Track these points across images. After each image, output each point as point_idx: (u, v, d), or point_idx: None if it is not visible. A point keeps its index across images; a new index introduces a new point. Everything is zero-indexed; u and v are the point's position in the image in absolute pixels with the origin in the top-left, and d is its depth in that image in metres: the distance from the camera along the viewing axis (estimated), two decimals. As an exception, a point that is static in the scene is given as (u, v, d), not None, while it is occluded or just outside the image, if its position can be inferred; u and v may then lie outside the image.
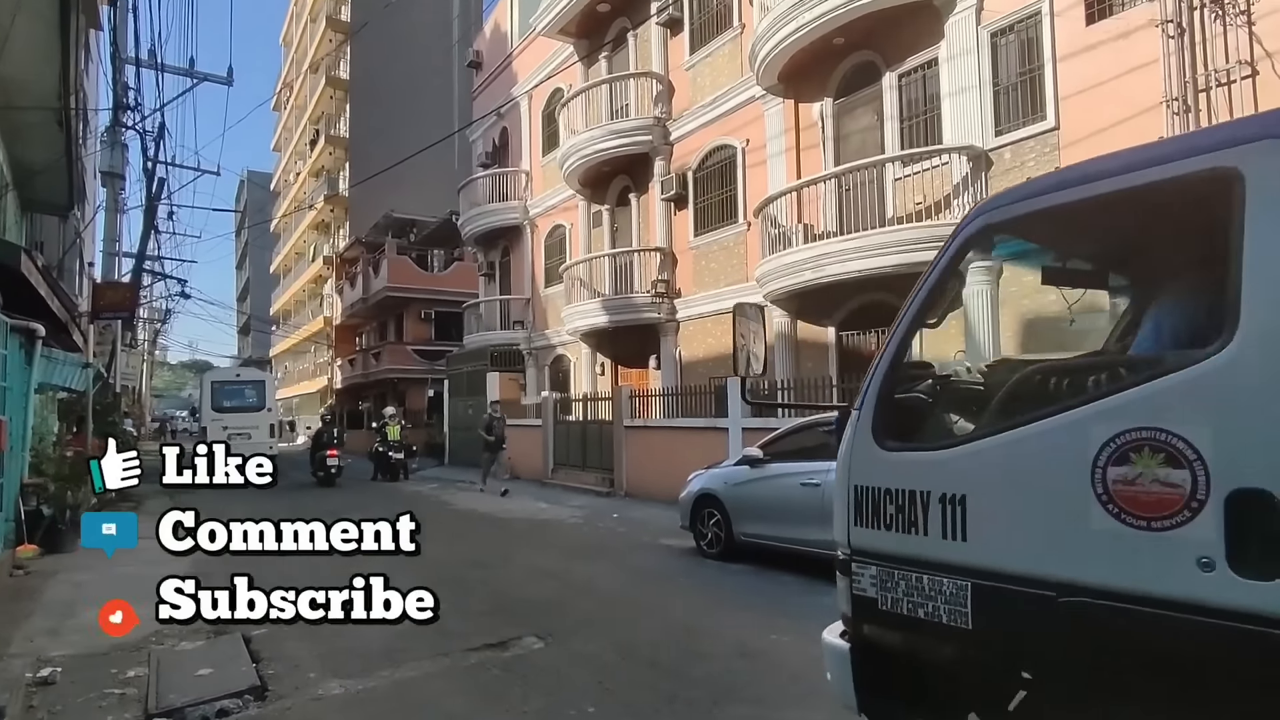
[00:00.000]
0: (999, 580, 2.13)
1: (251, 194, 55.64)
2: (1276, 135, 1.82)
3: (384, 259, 28.66)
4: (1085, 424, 1.98)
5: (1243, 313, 1.77)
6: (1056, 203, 2.28)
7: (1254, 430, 1.72)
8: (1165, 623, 1.80)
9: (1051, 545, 2.03)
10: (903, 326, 2.59)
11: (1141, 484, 1.87)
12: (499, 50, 20.96)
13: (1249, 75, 7.04)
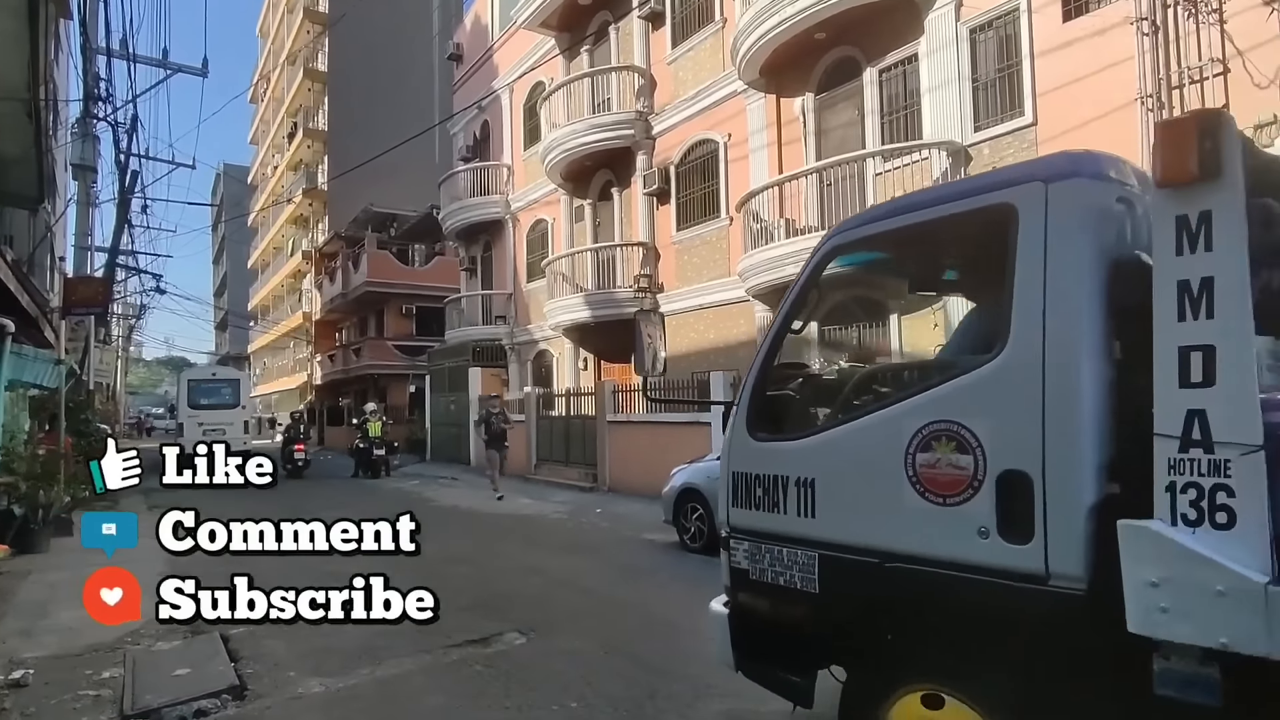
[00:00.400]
0: (839, 550, 2.55)
1: (228, 187, 54.83)
2: (1041, 178, 2.22)
3: (364, 253, 28.37)
4: (900, 417, 2.39)
5: (1012, 325, 2.18)
6: (886, 229, 2.72)
7: (1016, 422, 2.14)
8: (957, 581, 2.21)
9: (877, 520, 2.45)
10: (773, 332, 2.97)
11: (939, 467, 2.27)
12: (480, 43, 20.79)
13: (1221, 73, 7.15)
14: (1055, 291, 2.13)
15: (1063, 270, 2.13)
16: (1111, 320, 2.11)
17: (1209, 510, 1.81)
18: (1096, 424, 2.05)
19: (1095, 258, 2.13)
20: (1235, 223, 1.83)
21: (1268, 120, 6.82)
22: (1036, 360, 2.12)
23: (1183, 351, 1.87)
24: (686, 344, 13.48)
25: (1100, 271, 2.12)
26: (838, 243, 2.86)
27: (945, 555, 2.25)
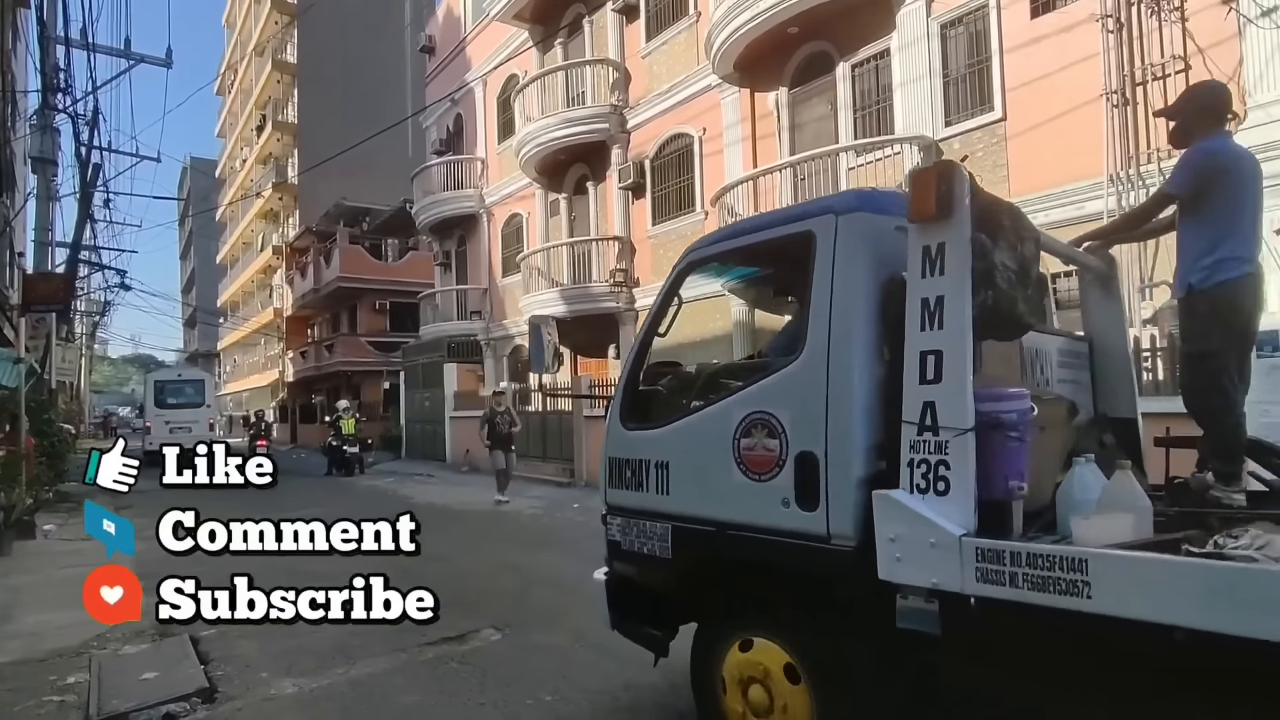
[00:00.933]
0: (686, 522, 3.00)
1: (195, 181, 53.68)
2: (834, 211, 2.65)
3: (336, 248, 27.98)
4: (731, 408, 2.84)
5: (808, 331, 2.63)
6: (728, 248, 3.28)
7: (809, 412, 2.57)
8: (769, 544, 2.66)
9: (714, 495, 2.88)
10: (641, 336, 3.52)
11: (756, 450, 2.72)
12: (452, 34, 20.55)
13: (1182, 70, 7.31)
14: (839, 304, 2.57)
15: (846, 287, 2.57)
16: (883, 329, 2.54)
17: (932, 480, 2.28)
18: (867, 413, 2.49)
19: (871, 278, 2.57)
20: (962, 253, 2.28)
21: (1227, 116, 6.98)
22: (824, 361, 2.57)
23: (922, 355, 2.32)
24: (662, 339, 13.48)
25: (875, 289, 2.57)
26: (691, 259, 3.37)
27: (761, 523, 2.69)
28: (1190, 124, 3.11)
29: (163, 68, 15.63)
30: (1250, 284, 2.92)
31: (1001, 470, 2.29)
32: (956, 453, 2.23)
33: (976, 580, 2.15)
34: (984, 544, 2.16)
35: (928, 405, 2.30)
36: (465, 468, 17.20)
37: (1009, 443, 2.29)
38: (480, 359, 19.10)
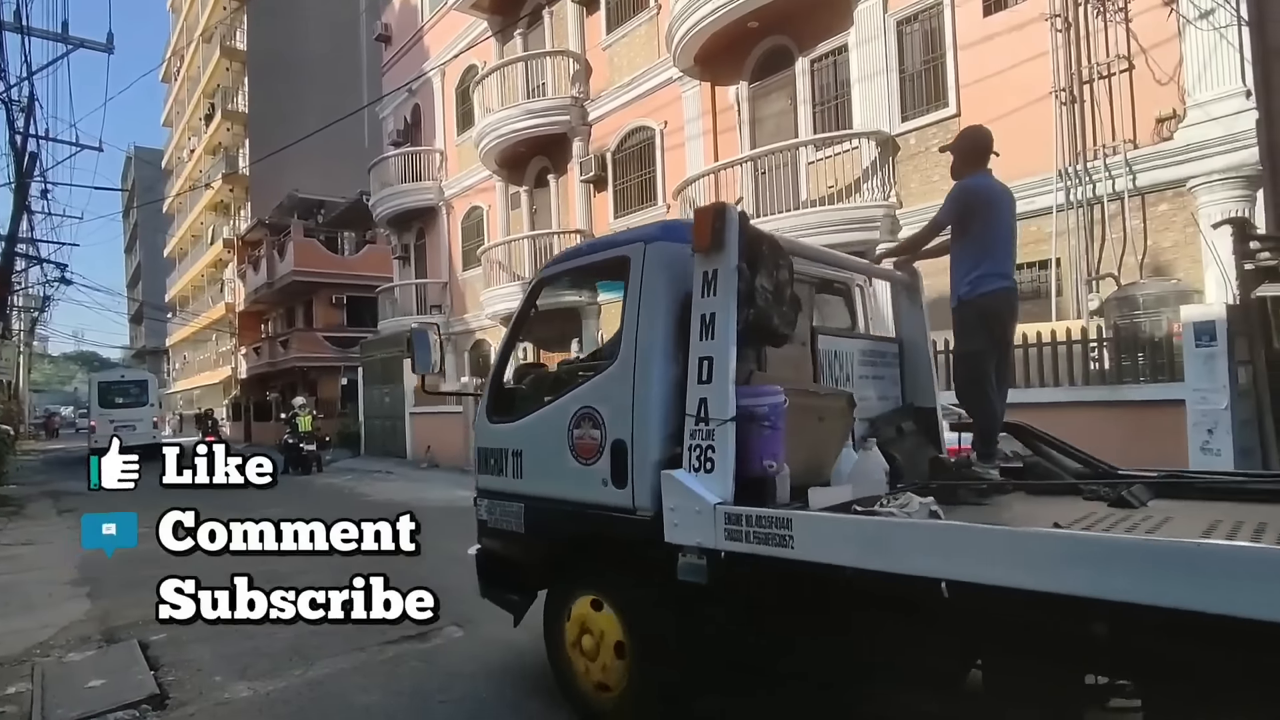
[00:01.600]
0: (535, 502, 3.52)
1: (140, 172, 51.71)
2: (643, 240, 3.23)
3: (290, 241, 27.26)
4: (567, 403, 3.35)
5: (623, 338, 3.17)
6: (571, 267, 3.91)
7: (621, 406, 3.09)
8: (594, 516, 3.18)
9: (555, 478, 3.38)
10: (504, 342, 4.15)
11: (585, 438, 3.23)
12: (409, 23, 20.15)
13: (1126, 69, 7.55)
14: (644, 317, 3.10)
15: (649, 303, 3.11)
16: (678, 338, 3.01)
17: (703, 461, 2.80)
18: (663, 408, 3.00)
19: (669, 295, 3.09)
20: (729, 278, 2.83)
21: (1167, 114, 7.23)
22: (632, 364, 3.10)
23: (700, 360, 2.84)
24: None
25: (672, 305, 3.08)
26: (543, 276, 4.01)
27: (589, 500, 3.20)
28: (960, 163, 3.69)
29: (103, 53, 15.01)
30: (1006, 296, 3.52)
31: (757, 452, 2.82)
32: (720, 439, 2.77)
33: (725, 539, 2.69)
34: (729, 510, 2.70)
35: (702, 401, 2.83)
36: (425, 464, 16.98)
37: (763, 431, 2.82)
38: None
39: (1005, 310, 3.53)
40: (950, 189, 3.64)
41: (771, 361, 3.18)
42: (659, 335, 3.07)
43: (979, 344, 3.47)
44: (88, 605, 5.67)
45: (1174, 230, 7.28)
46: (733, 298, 2.82)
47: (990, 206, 3.48)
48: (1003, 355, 3.62)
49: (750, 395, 2.85)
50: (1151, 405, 6.34)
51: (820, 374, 3.60)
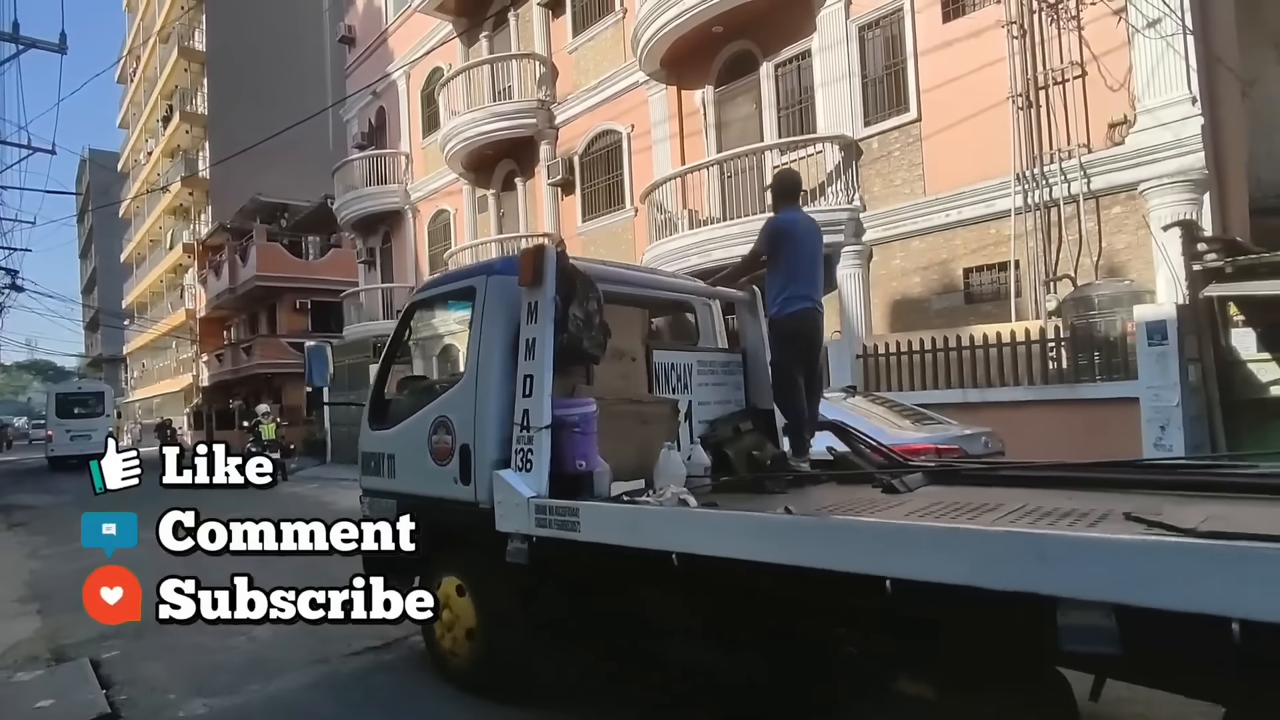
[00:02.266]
0: (404, 498, 4.02)
1: (95, 175, 50.26)
2: (484, 273, 3.91)
3: (252, 246, 26.74)
4: (429, 412, 3.95)
5: (468, 357, 3.81)
6: (436, 294, 4.66)
7: (466, 416, 3.69)
8: (449, 510, 3.73)
9: (420, 477, 3.95)
10: (384, 358, 4.86)
11: (440, 443, 3.82)
12: (373, 25, 19.91)
13: (1079, 75, 7.75)
14: (484, 339, 3.71)
15: (488, 327, 3.72)
16: (511, 358, 3.55)
17: (525, 462, 3.33)
18: (499, 417, 3.54)
19: (504, 321, 3.67)
20: (547, 309, 3.40)
21: (1119, 120, 7.44)
22: (474, 380, 3.71)
23: (525, 377, 3.41)
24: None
25: (507, 329, 3.63)
26: (413, 301, 4.90)
27: (445, 495, 3.75)
28: (775, 200, 4.44)
29: (56, 53, 14.58)
30: (809, 315, 4.08)
31: (570, 454, 3.35)
32: (538, 443, 3.31)
33: (535, 526, 3.21)
34: (539, 502, 3.23)
35: (525, 411, 3.38)
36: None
37: (575, 435, 3.37)
38: (408, 359, 18.60)
39: (808, 327, 4.10)
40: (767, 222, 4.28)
41: (604, 375, 3.78)
42: (496, 355, 3.66)
43: (787, 355, 4.10)
44: (37, 623, 5.48)
45: (1127, 232, 7.48)
46: (549, 325, 3.40)
47: (795, 238, 4.06)
48: (810, 365, 4.18)
49: (565, 406, 3.41)
50: (1107, 403, 6.51)
51: (655, 384, 4.20)
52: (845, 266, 9.49)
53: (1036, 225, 7.94)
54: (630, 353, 4.08)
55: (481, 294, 3.79)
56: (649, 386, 4.18)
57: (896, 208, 9.08)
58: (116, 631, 5.11)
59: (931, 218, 8.76)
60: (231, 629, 5.01)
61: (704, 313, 5.03)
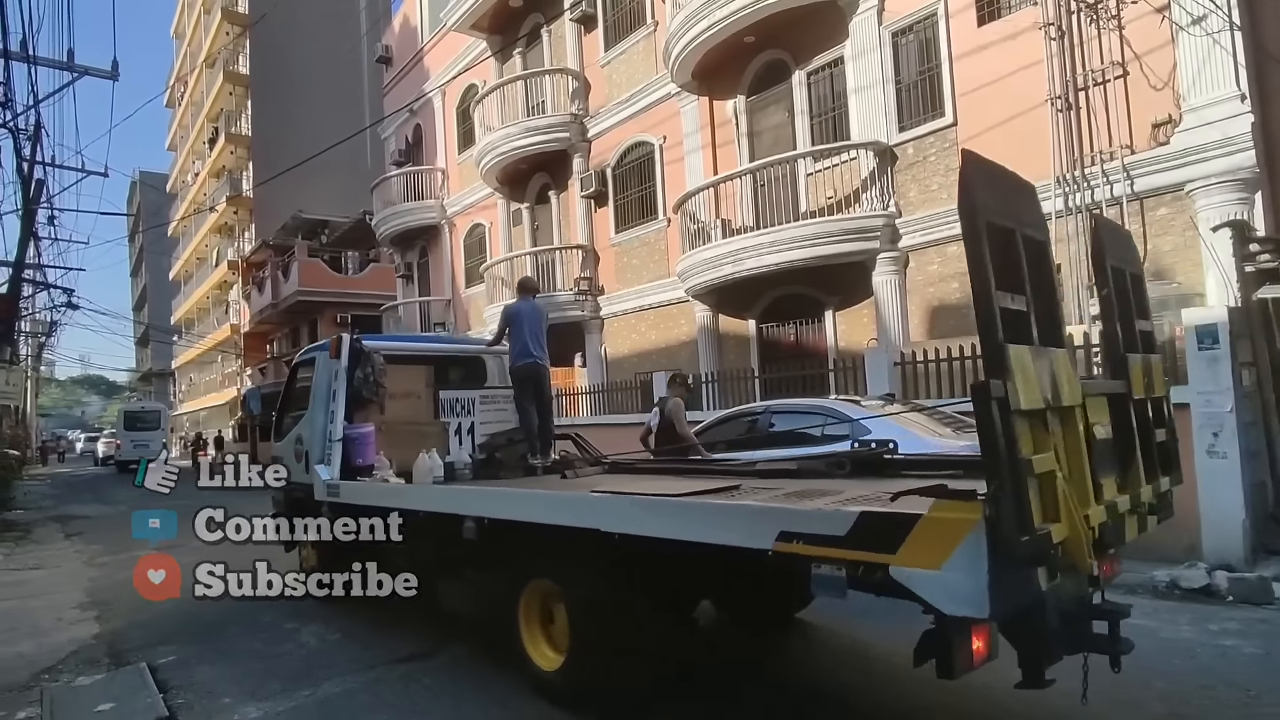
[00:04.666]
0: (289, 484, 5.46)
1: (145, 196, 52.15)
2: (320, 350, 6.22)
3: (294, 262, 27.43)
4: (296, 431, 6.20)
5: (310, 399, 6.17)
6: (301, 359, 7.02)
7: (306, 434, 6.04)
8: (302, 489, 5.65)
9: (292, 471, 5.58)
10: (282, 396, 7.02)
11: (298, 449, 6.02)
12: (409, 45, 20.38)
13: (1121, 75, 7.59)
14: (315, 389, 6.01)
15: (317, 381, 6.02)
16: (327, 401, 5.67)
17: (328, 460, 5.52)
18: (321, 435, 5.65)
19: (325, 379, 5.85)
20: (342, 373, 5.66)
21: (1163, 120, 7.27)
22: (310, 413, 5.99)
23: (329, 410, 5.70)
24: (629, 345, 13.52)
25: (327, 383, 5.80)
26: (296, 362, 7.04)
27: (300, 482, 5.67)
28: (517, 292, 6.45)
29: (109, 80, 15.21)
30: (532, 365, 5.86)
31: (356, 458, 5.56)
32: (334, 450, 5.55)
33: (326, 495, 5.36)
34: (328, 482, 5.39)
35: (330, 431, 5.61)
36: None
37: (357, 445, 5.57)
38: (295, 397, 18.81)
39: (533, 373, 5.89)
40: None
41: (397, 407, 6.30)
42: (320, 398, 5.93)
43: (521, 392, 5.94)
44: (96, 629, 5.68)
45: (1173, 234, 7.29)
46: (344, 382, 5.72)
47: (521, 318, 5.92)
48: (540, 398, 5.95)
49: (352, 428, 5.67)
50: (1156, 409, 6.32)
51: (441, 412, 6.61)
52: (881, 273, 9.40)
53: (1079, 228, 7.78)
54: (416, 392, 6.63)
55: (317, 362, 6.18)
56: (435, 414, 6.59)
57: (933, 213, 8.98)
58: (173, 635, 5.29)
59: (969, 223, 8.63)
60: (280, 636, 5.16)
61: (492, 362, 6.97)
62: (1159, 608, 5.05)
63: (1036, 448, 2.31)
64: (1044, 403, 2.41)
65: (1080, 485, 2.51)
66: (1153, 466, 3.12)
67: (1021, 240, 2.64)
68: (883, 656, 4.18)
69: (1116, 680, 3.71)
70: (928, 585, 2.28)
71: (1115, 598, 5.12)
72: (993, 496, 2.17)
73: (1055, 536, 2.28)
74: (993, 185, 2.64)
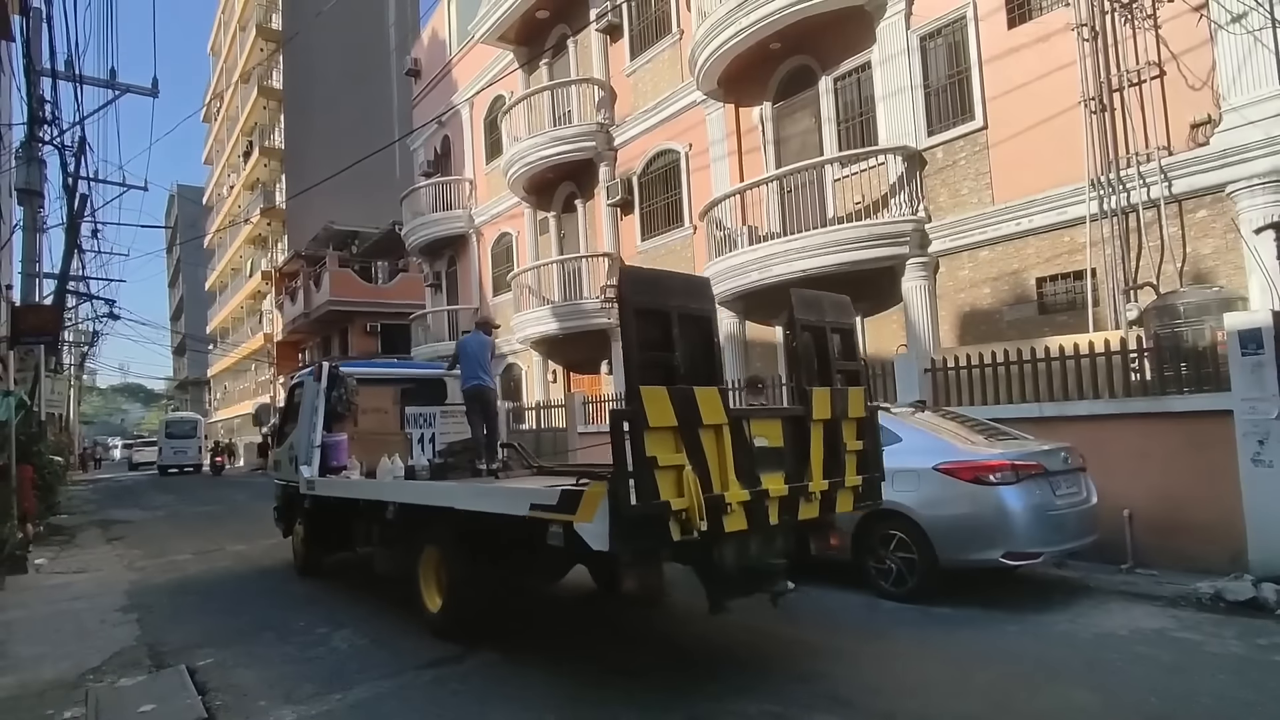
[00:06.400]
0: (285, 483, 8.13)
1: (182, 209, 53.59)
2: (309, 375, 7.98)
3: (325, 272, 27.95)
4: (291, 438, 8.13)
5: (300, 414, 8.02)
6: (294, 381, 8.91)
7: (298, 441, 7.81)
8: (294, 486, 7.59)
9: (287, 471, 8.03)
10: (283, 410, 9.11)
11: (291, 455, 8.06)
12: (438, 57, 20.71)
13: (1157, 75, 7.44)
14: (302, 405, 7.84)
15: (304, 400, 7.82)
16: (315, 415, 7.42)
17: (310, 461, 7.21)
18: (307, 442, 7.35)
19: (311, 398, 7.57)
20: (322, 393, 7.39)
21: (1202, 120, 7.11)
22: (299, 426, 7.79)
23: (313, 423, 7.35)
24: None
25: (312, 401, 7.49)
26: (291, 384, 8.84)
27: (293, 480, 7.54)
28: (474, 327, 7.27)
29: (149, 97, 15.64)
30: (478, 388, 6.72)
31: (331, 460, 7.19)
32: (314, 454, 7.16)
33: (307, 488, 7.12)
34: (308, 479, 7.10)
35: (312, 439, 7.24)
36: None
37: (332, 451, 7.23)
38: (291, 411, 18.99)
39: (480, 394, 6.74)
40: None
41: (368, 421, 7.94)
42: (306, 412, 7.55)
43: (470, 410, 6.80)
44: (138, 631, 5.81)
45: (1214, 237, 7.12)
46: (323, 400, 7.32)
47: (469, 349, 6.84)
48: (487, 415, 6.78)
49: (330, 437, 7.26)
50: (1198, 416, 6.15)
51: (407, 424, 8.07)
52: (910, 279, 9.30)
53: (1114, 232, 7.63)
54: (384, 408, 8.22)
55: (305, 384, 7.91)
56: (401, 425, 8.10)
57: (963, 218, 8.87)
58: (210, 639, 5.39)
59: (1000, 227, 8.52)
60: (313, 641, 5.23)
61: (453, 383, 7.81)
62: (1203, 620, 4.90)
63: (662, 450, 3.44)
64: (674, 422, 3.49)
65: (719, 475, 3.65)
66: (837, 466, 4.27)
67: (678, 318, 3.73)
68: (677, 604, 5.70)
69: (1160, 695, 3.61)
70: (588, 532, 3.60)
71: (1156, 610, 5.03)
72: (612, 478, 3.48)
73: (675, 506, 3.42)
74: (643, 284, 3.81)
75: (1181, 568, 5.97)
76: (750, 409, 6.78)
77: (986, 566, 5.33)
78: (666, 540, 3.47)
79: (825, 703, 3.68)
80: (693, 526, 3.45)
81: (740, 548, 3.93)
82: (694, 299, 3.97)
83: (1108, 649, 4.36)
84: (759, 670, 4.21)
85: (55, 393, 17.64)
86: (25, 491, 9.59)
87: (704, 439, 3.61)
